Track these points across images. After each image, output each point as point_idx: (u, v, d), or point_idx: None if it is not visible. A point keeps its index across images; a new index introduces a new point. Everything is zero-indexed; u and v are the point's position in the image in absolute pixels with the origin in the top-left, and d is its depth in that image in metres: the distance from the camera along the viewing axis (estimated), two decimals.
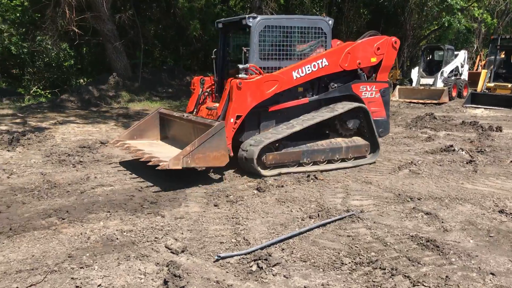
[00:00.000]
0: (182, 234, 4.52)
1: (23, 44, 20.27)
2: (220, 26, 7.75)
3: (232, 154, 6.55)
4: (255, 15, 6.98)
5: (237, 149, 6.70)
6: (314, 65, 7.06)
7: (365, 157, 7.59)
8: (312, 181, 6.45)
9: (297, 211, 5.24)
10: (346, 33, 23.83)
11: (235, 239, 4.40)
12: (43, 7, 15.83)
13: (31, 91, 19.37)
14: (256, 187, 6.10)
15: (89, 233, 4.50)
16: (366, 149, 7.58)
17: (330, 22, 7.39)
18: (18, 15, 19.57)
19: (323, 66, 7.14)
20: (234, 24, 7.45)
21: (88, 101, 15.97)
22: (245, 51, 7.02)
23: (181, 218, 4.97)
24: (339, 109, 7.24)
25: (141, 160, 6.36)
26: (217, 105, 6.99)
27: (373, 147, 7.63)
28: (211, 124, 6.20)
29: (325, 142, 7.31)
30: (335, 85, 7.44)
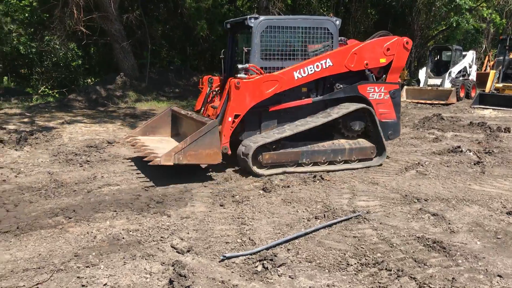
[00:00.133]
0: (188, 234, 4.53)
1: (31, 44, 20.41)
2: (228, 26, 7.84)
3: (230, 153, 6.68)
4: (257, 15, 7.02)
5: None
6: (317, 66, 7.01)
7: (371, 159, 7.43)
8: (318, 181, 6.44)
9: (303, 211, 5.23)
10: (354, 33, 23.74)
11: (241, 239, 4.40)
12: (52, 7, 15.92)
13: (39, 91, 19.52)
14: (262, 188, 6.10)
15: (95, 232, 4.52)
16: (372, 151, 7.42)
17: (338, 22, 7.30)
18: (26, 15, 19.72)
19: (327, 66, 7.07)
20: (241, 24, 7.47)
21: (95, 101, 16.04)
22: (246, 51, 7.10)
23: (187, 218, 4.98)
24: (333, 114, 7.09)
25: (141, 155, 6.44)
26: None
27: (380, 149, 7.48)
28: (206, 122, 6.32)
29: (327, 143, 7.24)
30: (341, 86, 7.34)
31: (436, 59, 20.43)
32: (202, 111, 7.64)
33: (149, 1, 20.16)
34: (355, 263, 3.90)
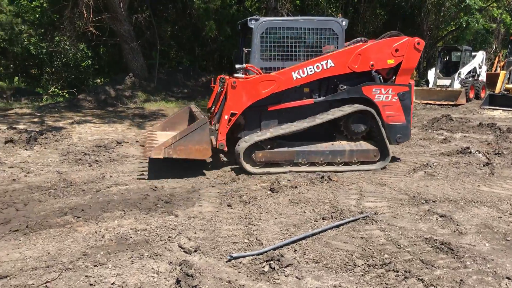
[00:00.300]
0: (195, 233, 4.55)
1: (41, 45, 20.63)
2: (240, 27, 7.94)
3: (226, 149, 6.92)
4: (258, 17, 7.10)
5: None
6: (318, 66, 6.94)
7: (374, 162, 7.26)
8: (326, 182, 6.42)
9: (310, 212, 5.23)
10: (363, 33, 23.65)
11: (248, 239, 4.41)
12: (62, 8, 16.09)
13: (49, 91, 19.69)
14: (269, 188, 6.10)
15: (103, 231, 4.56)
16: (375, 154, 7.22)
17: (344, 23, 7.19)
18: (37, 16, 19.93)
19: (328, 67, 6.97)
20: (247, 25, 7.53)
21: (104, 101, 16.15)
22: (246, 52, 7.23)
23: (195, 217, 4.99)
24: (329, 116, 7.00)
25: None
26: None
27: (384, 153, 7.27)
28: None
29: (325, 144, 7.17)
30: (344, 87, 7.17)
31: (446, 59, 20.32)
32: (213, 109, 7.70)
33: (158, 2, 20.26)
34: (362, 264, 3.89)
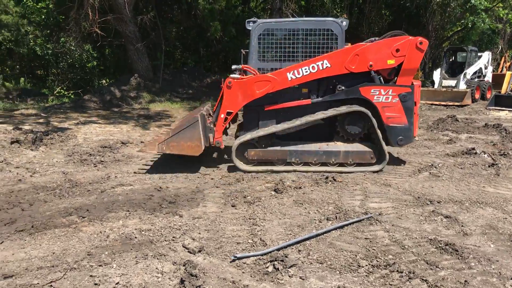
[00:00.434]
0: (200, 234, 4.56)
1: (47, 46, 20.74)
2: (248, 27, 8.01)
3: (222, 147, 7.25)
4: (255, 19, 7.21)
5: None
6: (313, 67, 6.92)
7: (371, 164, 7.13)
8: (330, 183, 6.42)
9: (315, 212, 5.23)
10: (368, 34, 23.64)
11: (252, 239, 4.41)
12: (67, 9, 16.17)
13: (54, 92, 19.81)
14: (273, 189, 6.10)
15: (108, 231, 4.57)
16: (372, 156, 7.08)
17: (344, 23, 7.07)
18: (43, 17, 20.04)
19: (324, 68, 6.93)
20: None
21: (110, 101, 16.21)
22: (244, 53, 7.40)
23: (199, 218, 5.01)
24: (320, 115, 7.00)
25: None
26: None
27: (381, 155, 7.15)
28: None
29: (320, 144, 7.17)
30: (342, 88, 7.09)
31: (451, 60, 20.25)
32: (213, 108, 7.80)
33: (163, 3, 20.33)
34: (366, 265, 3.88)
